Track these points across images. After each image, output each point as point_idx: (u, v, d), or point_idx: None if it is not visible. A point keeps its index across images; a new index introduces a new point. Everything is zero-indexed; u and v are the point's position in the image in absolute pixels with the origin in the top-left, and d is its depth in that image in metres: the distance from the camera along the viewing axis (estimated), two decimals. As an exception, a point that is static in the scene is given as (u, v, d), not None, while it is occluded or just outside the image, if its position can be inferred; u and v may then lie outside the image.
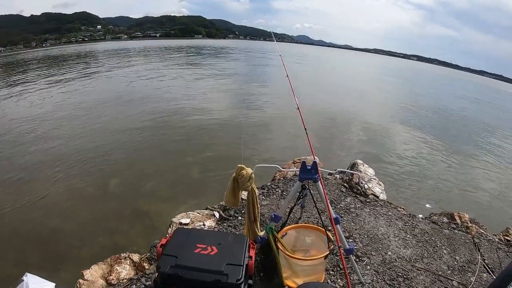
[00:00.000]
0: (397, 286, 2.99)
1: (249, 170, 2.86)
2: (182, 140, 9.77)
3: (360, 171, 5.11)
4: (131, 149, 8.97)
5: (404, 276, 3.11)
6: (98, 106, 14.11)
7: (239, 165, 2.87)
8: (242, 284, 2.18)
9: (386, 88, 28.27)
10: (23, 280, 2.22)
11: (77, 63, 36.62)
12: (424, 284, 3.08)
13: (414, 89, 31.70)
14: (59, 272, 4.40)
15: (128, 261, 3.22)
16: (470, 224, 4.27)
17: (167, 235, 3.21)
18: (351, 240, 3.57)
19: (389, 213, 4.24)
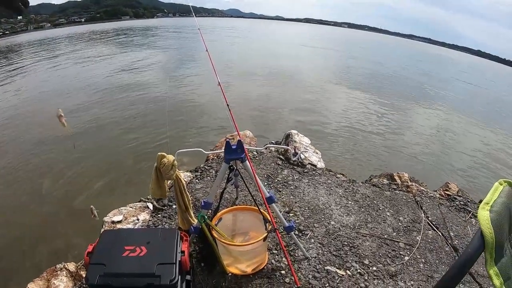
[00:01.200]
0: (343, 256, 2.96)
1: (171, 157, 2.64)
2: (111, 128, 9.36)
3: (295, 141, 5.05)
4: (57, 145, 8.29)
5: (350, 245, 3.09)
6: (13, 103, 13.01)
7: (159, 153, 2.64)
8: (178, 282, 2.05)
9: (315, 55, 28.51)
10: None
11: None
12: (371, 249, 3.08)
13: (347, 54, 32.31)
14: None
15: (64, 272, 2.96)
16: (410, 183, 4.35)
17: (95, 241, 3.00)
18: (291, 214, 3.49)
19: (329, 181, 4.21)
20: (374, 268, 2.85)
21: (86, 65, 20.90)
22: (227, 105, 2.83)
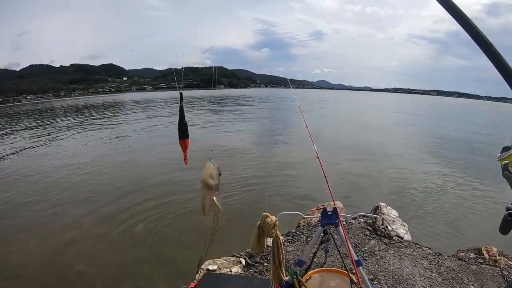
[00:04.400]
0: None
1: (273, 218, 3.01)
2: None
3: (383, 213, 5.16)
4: (157, 195, 9.11)
5: None
6: (122, 155, 14.75)
7: (263, 213, 3.04)
8: None
9: (407, 125, 27.94)
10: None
11: (105, 112, 38.36)
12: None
13: (436, 124, 31.08)
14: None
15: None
16: (498, 257, 4.22)
17: (195, 280, 3.33)
18: (375, 282, 3.59)
19: (414, 253, 4.25)
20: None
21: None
22: (325, 176, 3.14)
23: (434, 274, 3.79)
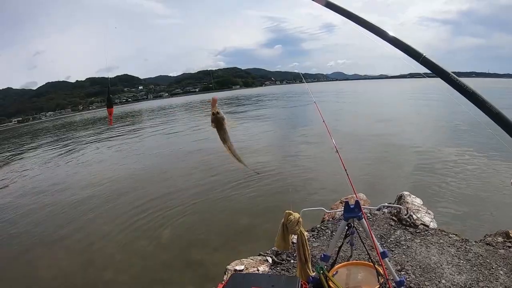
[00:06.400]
0: None
1: (297, 215, 3.04)
2: (229, 188, 10.03)
3: (407, 202, 5.09)
4: (181, 200, 9.16)
5: None
6: (147, 162, 15.00)
7: (286, 211, 3.06)
8: None
9: (425, 112, 27.23)
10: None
11: (123, 122, 39.08)
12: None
13: (457, 109, 30.10)
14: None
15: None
16: None
17: (223, 281, 3.37)
18: (403, 272, 3.55)
19: (441, 240, 4.18)
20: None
21: (197, 132, 23.03)
22: (345, 170, 3.13)
23: (462, 261, 3.72)
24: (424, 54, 1.37)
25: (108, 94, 2.47)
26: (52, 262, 6.72)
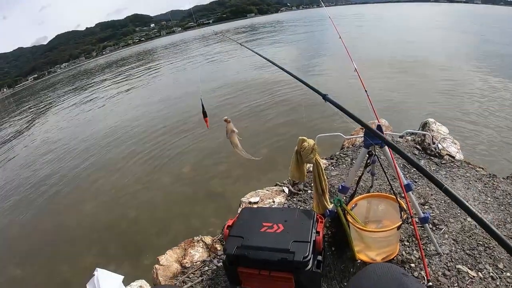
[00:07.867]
0: (477, 256, 2.62)
1: (311, 142, 2.72)
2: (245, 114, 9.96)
3: (433, 130, 4.69)
4: (202, 136, 9.02)
5: (486, 245, 2.71)
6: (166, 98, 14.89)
7: (300, 137, 2.76)
8: (310, 261, 2.14)
9: (446, 40, 25.45)
10: (94, 275, 2.35)
11: (137, 62, 38.88)
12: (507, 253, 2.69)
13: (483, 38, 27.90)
14: (138, 260, 4.61)
15: (201, 244, 3.28)
16: None
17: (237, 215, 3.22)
18: (427, 207, 3.24)
19: (467, 174, 3.79)
20: (508, 274, 2.47)
21: (217, 63, 22.62)
22: (365, 90, 2.77)
23: (489, 199, 3.35)
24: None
25: (203, 108, 2.38)
26: (77, 210, 6.88)
